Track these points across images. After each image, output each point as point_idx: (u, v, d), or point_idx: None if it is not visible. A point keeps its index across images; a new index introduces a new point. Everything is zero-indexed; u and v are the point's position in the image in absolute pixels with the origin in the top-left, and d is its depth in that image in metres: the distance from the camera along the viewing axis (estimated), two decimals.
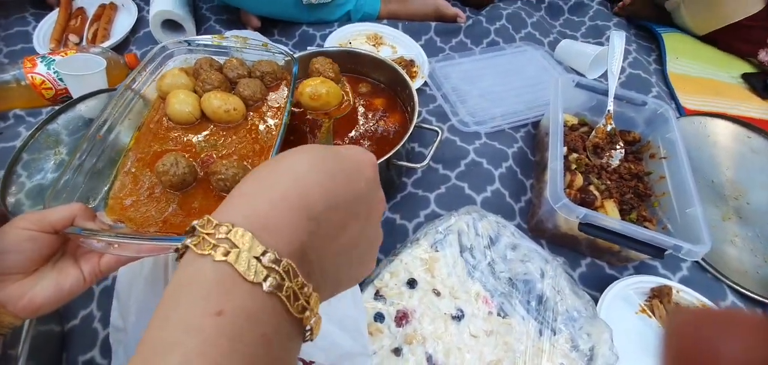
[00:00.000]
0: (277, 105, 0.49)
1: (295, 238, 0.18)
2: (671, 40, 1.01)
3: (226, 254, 0.17)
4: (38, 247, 0.33)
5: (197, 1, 0.96)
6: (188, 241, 0.18)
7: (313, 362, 0.44)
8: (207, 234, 0.17)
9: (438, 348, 0.47)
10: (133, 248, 0.35)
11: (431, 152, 0.55)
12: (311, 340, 0.19)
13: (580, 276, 0.61)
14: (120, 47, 0.85)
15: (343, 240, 0.21)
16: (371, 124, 0.64)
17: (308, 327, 0.19)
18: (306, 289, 0.18)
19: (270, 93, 0.51)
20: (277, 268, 0.17)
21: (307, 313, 0.18)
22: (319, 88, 0.50)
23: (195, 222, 0.18)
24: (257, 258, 0.17)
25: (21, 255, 0.32)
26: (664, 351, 0.17)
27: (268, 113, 0.48)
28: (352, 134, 0.62)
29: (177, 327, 0.15)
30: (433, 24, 0.96)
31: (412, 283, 0.51)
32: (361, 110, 0.66)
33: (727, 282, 0.61)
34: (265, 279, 0.17)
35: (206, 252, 0.17)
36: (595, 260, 0.62)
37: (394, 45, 0.91)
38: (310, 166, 0.20)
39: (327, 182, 0.20)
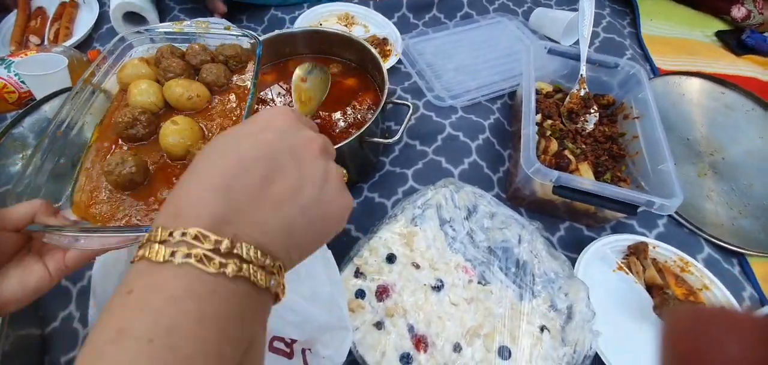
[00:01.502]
0: (243, 88, 0.48)
1: (204, 212, 0.20)
2: (645, 2, 1.01)
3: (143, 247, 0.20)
4: None
5: None
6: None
7: (296, 341, 0.44)
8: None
9: (419, 318, 0.47)
10: (96, 242, 0.34)
11: (403, 127, 0.54)
12: (276, 293, 0.21)
13: (559, 239, 0.61)
14: (83, 45, 0.83)
15: (276, 189, 0.22)
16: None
17: (246, 275, 0.20)
18: (224, 243, 0.20)
19: (235, 77, 0.50)
20: (184, 239, 0.19)
21: (233, 263, 0.19)
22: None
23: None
24: (163, 241, 0.19)
25: None
26: (663, 350, 0.16)
27: (233, 98, 0.47)
28: (337, 115, 0.61)
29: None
30: (405, 0, 0.95)
31: (391, 258, 0.51)
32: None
33: (704, 235, 0.63)
34: (172, 255, 0.19)
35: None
36: (573, 224, 0.63)
37: (366, 24, 0.89)
38: (207, 154, 0.23)
39: (228, 155, 0.23)
